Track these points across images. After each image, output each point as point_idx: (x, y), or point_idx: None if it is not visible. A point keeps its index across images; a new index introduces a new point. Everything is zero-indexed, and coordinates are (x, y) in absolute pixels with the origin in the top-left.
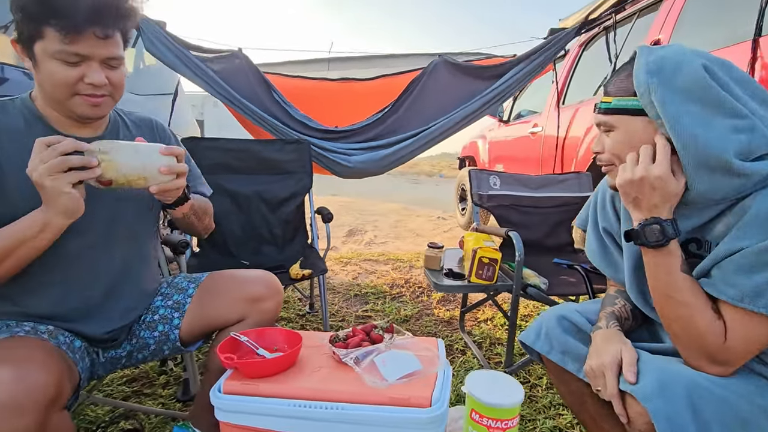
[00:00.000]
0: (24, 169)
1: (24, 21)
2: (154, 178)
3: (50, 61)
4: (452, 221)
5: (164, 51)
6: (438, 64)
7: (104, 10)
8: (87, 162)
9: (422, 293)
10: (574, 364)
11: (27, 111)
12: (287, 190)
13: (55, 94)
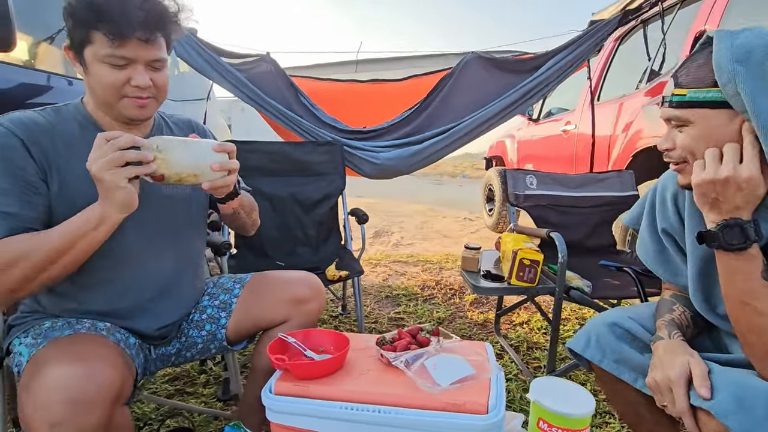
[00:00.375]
0: (80, 170)
1: (74, 27)
2: (206, 174)
3: (99, 64)
4: (479, 222)
5: (195, 57)
6: (471, 60)
7: (149, 16)
8: (143, 157)
9: (454, 295)
10: (630, 374)
11: (79, 115)
12: (320, 192)
13: (105, 97)
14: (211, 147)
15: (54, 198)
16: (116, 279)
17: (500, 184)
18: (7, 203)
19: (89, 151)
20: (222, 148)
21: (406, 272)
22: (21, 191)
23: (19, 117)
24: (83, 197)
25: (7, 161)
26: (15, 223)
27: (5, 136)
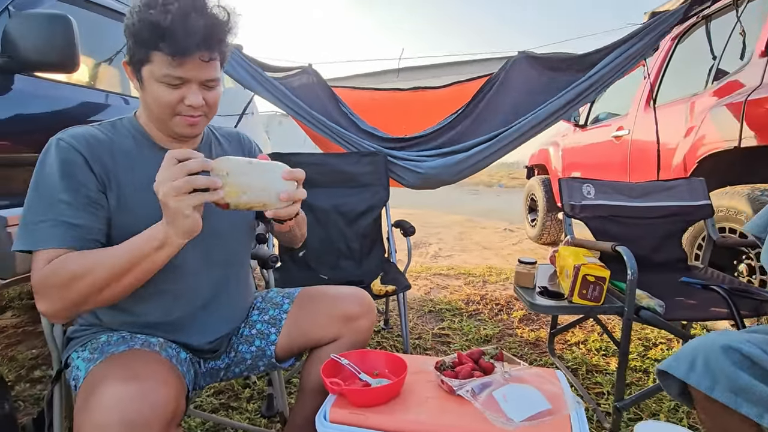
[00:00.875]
0: (136, 183)
1: (135, 45)
2: (272, 204)
3: (155, 83)
4: (520, 233)
5: (241, 72)
6: (519, 60)
7: (211, 36)
8: (212, 183)
9: (501, 311)
10: (751, 408)
11: (133, 129)
12: (364, 204)
13: (159, 114)
14: (281, 173)
15: (113, 211)
16: (171, 291)
17: (544, 193)
18: (74, 215)
19: (144, 164)
20: (292, 175)
21: (449, 285)
22: (85, 204)
23: (81, 132)
24: (140, 209)
25: (71, 176)
26: (82, 234)
27: (67, 151)
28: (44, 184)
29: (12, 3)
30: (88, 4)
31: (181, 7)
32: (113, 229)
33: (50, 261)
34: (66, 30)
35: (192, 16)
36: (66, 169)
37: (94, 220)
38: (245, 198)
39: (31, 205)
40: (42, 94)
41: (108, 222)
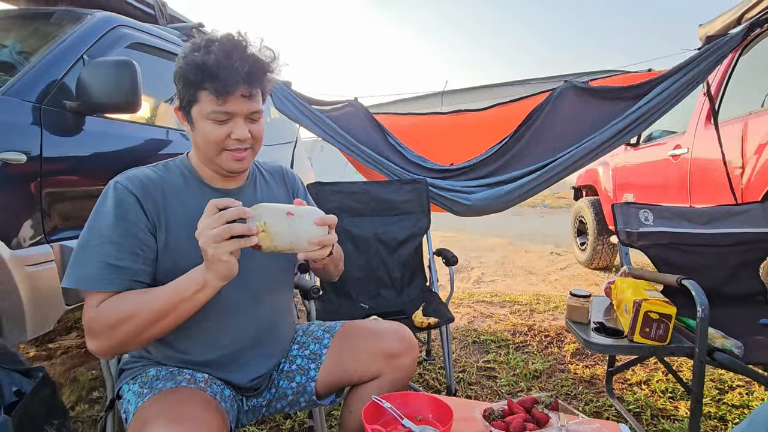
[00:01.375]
0: (184, 221)
1: (184, 88)
2: (303, 248)
3: (204, 121)
4: (568, 257)
5: (291, 108)
6: (564, 91)
7: (253, 73)
8: (248, 231)
9: (551, 343)
10: None
11: (184, 168)
12: (405, 232)
13: (207, 151)
14: (314, 219)
15: (161, 251)
16: (215, 329)
17: (593, 215)
18: (120, 257)
19: (191, 202)
20: (323, 221)
21: (493, 314)
22: (132, 244)
23: (135, 174)
24: (185, 249)
25: (123, 217)
26: (127, 276)
27: (122, 192)
28: (98, 224)
29: (86, 52)
30: (150, 49)
31: (222, 48)
32: (159, 267)
33: (98, 304)
34: (131, 74)
35: (233, 56)
36: (120, 210)
37: (141, 261)
38: (277, 243)
39: (83, 243)
40: (110, 132)
41: (155, 262)
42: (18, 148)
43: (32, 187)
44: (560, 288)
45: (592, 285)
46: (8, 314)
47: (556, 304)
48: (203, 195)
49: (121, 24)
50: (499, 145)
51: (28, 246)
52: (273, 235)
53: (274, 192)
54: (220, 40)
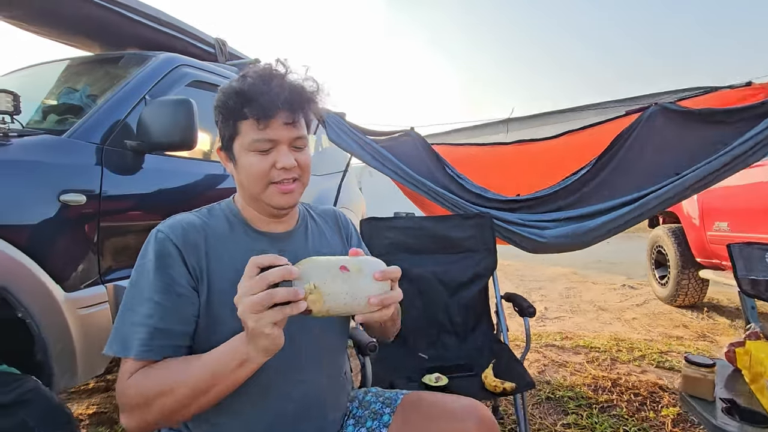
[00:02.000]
0: (229, 271)
1: (224, 121)
2: (362, 310)
3: (247, 155)
4: (644, 291)
5: (345, 138)
6: (654, 114)
7: (293, 99)
8: (293, 296)
9: (643, 405)
10: None
11: (229, 212)
12: (468, 272)
13: (253, 188)
14: (373, 275)
15: (202, 306)
16: (252, 402)
17: (675, 246)
18: (159, 318)
19: (236, 248)
20: (385, 276)
21: (567, 363)
22: (173, 304)
23: (178, 221)
24: (230, 300)
25: (163, 273)
26: (165, 341)
27: (163, 243)
28: (139, 279)
29: (149, 92)
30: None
31: (260, 75)
32: (201, 325)
33: (131, 373)
34: (187, 112)
35: (271, 82)
36: (160, 263)
37: (180, 321)
38: (330, 306)
39: (125, 302)
40: (168, 169)
41: (196, 320)
42: (79, 188)
43: (90, 227)
44: (641, 330)
45: (679, 327)
46: (60, 358)
47: (642, 352)
48: (249, 240)
49: (182, 63)
50: (575, 175)
51: (83, 287)
52: (325, 298)
53: (327, 238)
54: (256, 70)
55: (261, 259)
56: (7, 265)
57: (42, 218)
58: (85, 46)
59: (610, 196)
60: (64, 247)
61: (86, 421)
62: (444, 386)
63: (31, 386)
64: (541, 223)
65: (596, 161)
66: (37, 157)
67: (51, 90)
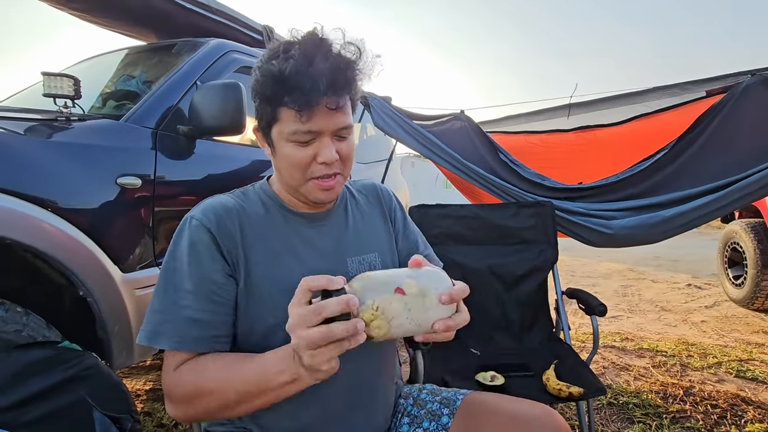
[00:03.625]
0: (266, 255)
1: (262, 105)
2: (425, 332)
3: (285, 144)
4: (713, 292)
5: (390, 123)
6: (752, 87)
7: (336, 79)
8: (353, 331)
9: (723, 417)
10: None
11: (264, 194)
12: (525, 265)
13: (290, 179)
14: (439, 298)
15: (240, 293)
16: (298, 396)
17: (755, 243)
18: (195, 307)
19: (272, 231)
20: (451, 299)
21: (630, 366)
22: (208, 292)
23: (211, 205)
24: (267, 288)
25: (197, 261)
26: (202, 332)
27: (197, 230)
28: (173, 268)
29: (200, 78)
30: None
31: (303, 51)
32: (240, 312)
33: (177, 365)
34: (236, 96)
35: (316, 60)
36: (194, 251)
37: (219, 311)
38: (393, 333)
39: (158, 290)
40: (218, 154)
41: (234, 309)
42: (135, 172)
43: (145, 210)
44: (712, 334)
45: (758, 332)
46: (118, 337)
47: (717, 359)
48: (286, 223)
49: (231, 49)
50: (649, 161)
51: (139, 269)
52: (387, 324)
53: (368, 218)
54: (300, 43)
55: (313, 282)
56: (70, 245)
57: (101, 201)
58: (141, 36)
59: (690, 184)
60: (122, 229)
61: (143, 396)
62: (500, 386)
63: (91, 363)
64: (607, 212)
65: (675, 143)
66: (96, 141)
67: (111, 78)
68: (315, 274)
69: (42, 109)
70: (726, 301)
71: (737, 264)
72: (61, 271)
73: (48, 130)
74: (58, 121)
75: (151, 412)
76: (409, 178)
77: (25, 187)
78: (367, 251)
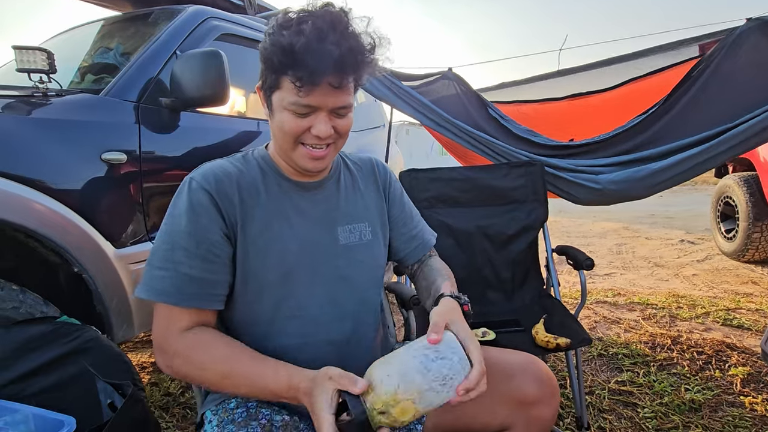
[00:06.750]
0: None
1: (267, 70)
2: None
3: (283, 111)
4: (706, 246)
5: (377, 85)
6: (746, 33)
7: (345, 61)
8: None
9: (708, 363)
10: None
11: (262, 160)
12: (516, 224)
13: (283, 144)
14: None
15: (238, 258)
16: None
17: (747, 196)
18: (192, 265)
19: (269, 198)
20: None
21: (621, 319)
22: (206, 252)
23: (211, 169)
24: (263, 252)
25: (196, 220)
26: (201, 289)
27: (197, 191)
28: (171, 227)
29: (179, 47)
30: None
31: (317, 27)
32: (238, 273)
33: (184, 328)
34: (218, 65)
35: (328, 38)
36: (192, 212)
37: (217, 270)
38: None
39: (156, 248)
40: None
41: (233, 269)
42: (119, 148)
43: (134, 186)
44: (703, 286)
45: (747, 283)
46: (117, 311)
47: (705, 309)
48: (280, 189)
49: (210, 16)
50: (639, 118)
51: (131, 244)
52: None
53: (361, 191)
54: (315, 16)
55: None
56: (61, 223)
57: (88, 178)
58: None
59: (681, 135)
60: (111, 206)
61: (149, 369)
62: (491, 341)
63: (91, 336)
64: (596, 168)
65: (666, 99)
66: (77, 116)
67: (87, 51)
68: (305, 241)
69: (17, 86)
70: (718, 254)
71: (729, 218)
72: (54, 249)
73: (26, 106)
74: (35, 98)
75: (158, 382)
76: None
77: (9, 167)
78: (357, 221)
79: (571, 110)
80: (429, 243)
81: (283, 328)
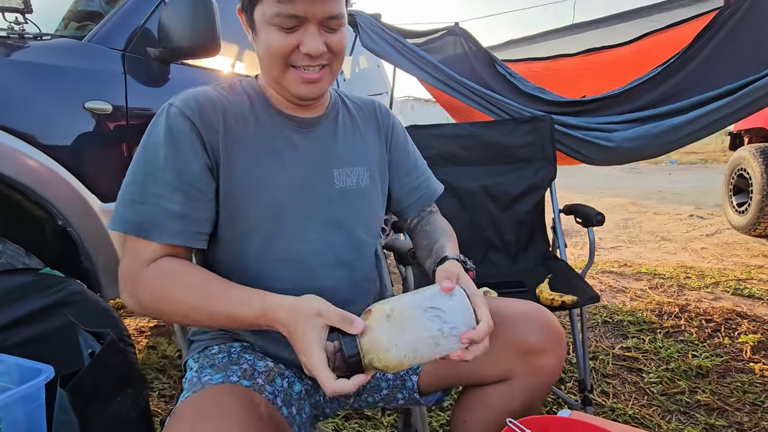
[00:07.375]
0: (248, 151)
1: None
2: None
3: (267, 28)
4: (716, 221)
5: (381, 43)
6: None
7: None
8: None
9: (717, 331)
10: None
11: (251, 89)
12: (522, 184)
13: (271, 69)
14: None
15: (222, 193)
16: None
17: (763, 168)
18: (174, 199)
19: (257, 129)
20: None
21: (627, 288)
22: (188, 186)
23: (193, 95)
24: (249, 187)
25: (176, 149)
26: (182, 225)
27: (177, 117)
28: (147, 156)
29: None
30: None
31: None
32: (222, 210)
33: (151, 260)
34: (207, 12)
35: None
36: (172, 139)
37: (199, 206)
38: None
39: (131, 180)
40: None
41: (215, 203)
42: (103, 97)
43: (120, 139)
44: (712, 259)
45: (758, 256)
46: (105, 268)
47: (714, 279)
48: (272, 122)
49: None
50: (656, 70)
51: None
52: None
53: (360, 132)
54: None
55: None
56: (40, 172)
57: (70, 127)
58: None
59: (702, 88)
60: (96, 158)
61: (147, 332)
62: None
63: (76, 289)
64: (609, 125)
65: (686, 50)
66: (57, 61)
67: None
68: (297, 181)
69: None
70: (728, 229)
71: (742, 191)
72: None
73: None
74: (11, 39)
75: (155, 345)
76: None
77: None
78: (355, 164)
79: (585, 66)
80: (434, 193)
81: (273, 270)
